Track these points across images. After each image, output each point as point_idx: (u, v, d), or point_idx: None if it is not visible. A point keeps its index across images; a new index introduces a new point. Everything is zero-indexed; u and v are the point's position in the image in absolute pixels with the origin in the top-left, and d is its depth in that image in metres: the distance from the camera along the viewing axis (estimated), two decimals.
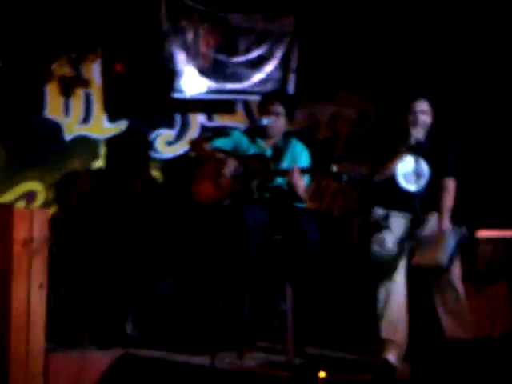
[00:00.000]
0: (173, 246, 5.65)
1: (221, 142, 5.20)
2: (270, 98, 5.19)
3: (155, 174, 5.88)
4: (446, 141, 4.89)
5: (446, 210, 4.76)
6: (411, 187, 4.78)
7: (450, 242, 4.60)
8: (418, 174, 4.77)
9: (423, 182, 4.78)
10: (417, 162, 4.77)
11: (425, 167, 4.80)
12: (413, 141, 4.71)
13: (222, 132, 5.42)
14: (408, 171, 4.78)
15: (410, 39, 5.98)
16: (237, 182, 4.98)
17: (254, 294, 4.91)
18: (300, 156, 5.15)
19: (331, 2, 5.97)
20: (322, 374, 4.36)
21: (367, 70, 6.09)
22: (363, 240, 4.91)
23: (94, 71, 5.80)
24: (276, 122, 5.08)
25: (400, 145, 4.74)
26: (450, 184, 4.82)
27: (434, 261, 4.56)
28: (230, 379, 4.45)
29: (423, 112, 4.77)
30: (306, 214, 5.00)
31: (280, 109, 5.09)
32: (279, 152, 5.13)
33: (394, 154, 4.76)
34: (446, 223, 4.72)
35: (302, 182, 4.90)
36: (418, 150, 4.71)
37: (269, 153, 5.12)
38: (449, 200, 4.79)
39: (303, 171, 4.92)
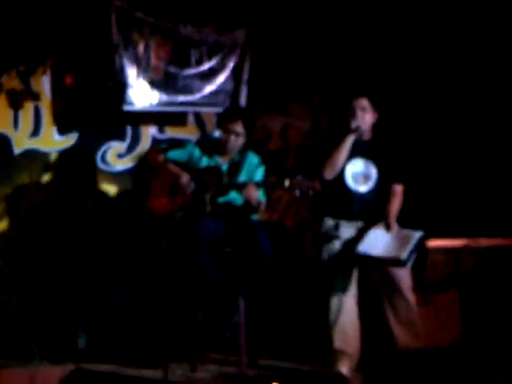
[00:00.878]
0: (125, 258, 5.63)
1: (175, 154, 5.20)
2: (232, 116, 5.15)
3: (106, 186, 5.85)
4: (394, 146, 4.97)
5: (394, 213, 4.82)
6: (360, 188, 4.82)
7: (412, 240, 4.66)
8: (366, 176, 4.84)
9: (371, 184, 4.84)
10: (365, 164, 4.84)
11: (373, 170, 4.85)
12: (353, 125, 4.79)
13: (177, 143, 5.42)
14: (356, 172, 4.83)
15: (359, 50, 6.05)
16: (190, 195, 4.98)
17: (206, 306, 4.92)
18: (256, 170, 5.16)
19: (282, 14, 6.01)
20: None
21: (318, 82, 6.15)
22: (315, 251, 4.94)
23: (44, 84, 5.74)
24: (235, 141, 5.08)
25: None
26: (398, 189, 4.88)
27: (394, 254, 4.62)
28: None
29: (362, 108, 4.83)
30: (258, 226, 5.02)
31: (240, 128, 5.07)
32: (236, 167, 5.13)
33: (339, 143, 4.82)
34: (395, 226, 4.78)
35: (256, 196, 4.90)
36: (361, 149, 4.80)
37: (225, 167, 5.12)
38: (396, 204, 4.86)
39: (258, 185, 4.93)
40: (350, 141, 4.78)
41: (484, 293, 5.07)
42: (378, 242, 4.68)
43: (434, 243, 5.09)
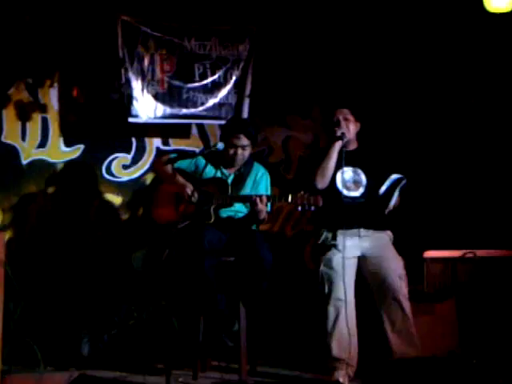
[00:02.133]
0: (128, 266, 5.70)
1: (183, 164, 5.23)
2: (235, 130, 5.14)
3: (111, 197, 5.94)
4: (382, 154, 5.07)
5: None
6: (353, 194, 4.91)
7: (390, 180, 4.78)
8: (356, 182, 4.93)
9: (362, 189, 4.93)
10: (355, 171, 4.94)
11: (362, 176, 4.95)
12: (338, 133, 4.90)
13: (185, 153, 5.47)
14: (347, 180, 4.92)
15: (361, 65, 6.12)
16: (194, 205, 4.99)
17: (208, 314, 4.96)
18: (261, 181, 5.21)
19: (285, 28, 6.08)
20: None
21: (319, 95, 6.21)
22: (314, 261, 5.00)
23: (51, 96, 5.84)
24: (242, 154, 5.11)
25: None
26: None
27: None
28: None
29: (345, 118, 4.94)
30: (259, 236, 5.06)
31: (245, 141, 5.09)
32: (241, 178, 5.17)
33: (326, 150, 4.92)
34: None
35: (265, 208, 4.95)
36: (348, 159, 4.87)
37: (231, 178, 5.16)
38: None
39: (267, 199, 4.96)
40: (337, 148, 4.88)
41: (481, 303, 5.10)
42: None
43: (431, 254, 5.13)
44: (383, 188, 4.79)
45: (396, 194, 4.84)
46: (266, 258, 4.87)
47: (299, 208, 4.79)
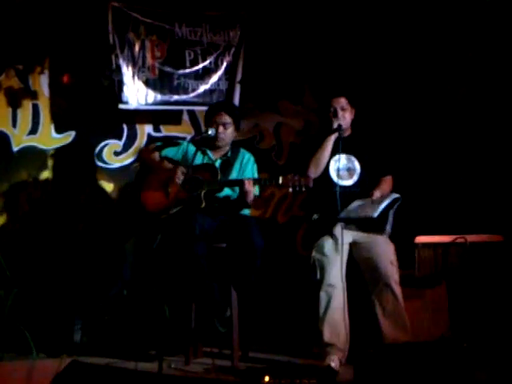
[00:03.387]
0: (120, 253, 5.71)
1: (170, 152, 5.25)
2: (216, 109, 5.22)
3: (103, 183, 5.93)
4: (376, 140, 5.10)
5: (379, 186, 4.96)
6: (345, 182, 4.93)
7: (384, 201, 4.77)
8: (350, 170, 4.95)
9: (356, 178, 4.95)
10: (348, 159, 4.95)
11: (356, 164, 4.97)
12: (335, 125, 4.91)
13: (171, 141, 5.47)
14: (340, 168, 4.94)
15: (352, 51, 6.13)
16: (185, 191, 5.00)
17: (200, 300, 4.98)
18: (247, 166, 5.22)
19: (275, 14, 6.08)
20: (267, 379, 4.45)
21: (310, 81, 6.22)
22: (306, 247, 5.01)
23: (42, 83, 5.84)
24: (224, 133, 5.14)
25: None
26: (388, 178, 5.03)
27: (364, 214, 4.74)
28: None
29: (342, 108, 4.96)
30: (251, 222, 5.08)
31: (227, 119, 5.14)
32: (228, 163, 5.20)
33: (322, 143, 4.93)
34: (378, 193, 4.89)
35: (252, 191, 4.95)
36: (342, 146, 4.87)
37: (218, 163, 5.18)
38: (385, 185, 5.00)
39: (254, 182, 4.98)
40: (332, 140, 4.91)
41: (471, 287, 5.12)
42: (356, 207, 4.81)
43: (422, 239, 5.15)
44: (379, 209, 4.77)
45: (390, 217, 4.84)
46: (256, 244, 4.88)
47: (290, 189, 4.79)
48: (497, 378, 4.38)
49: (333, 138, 4.91)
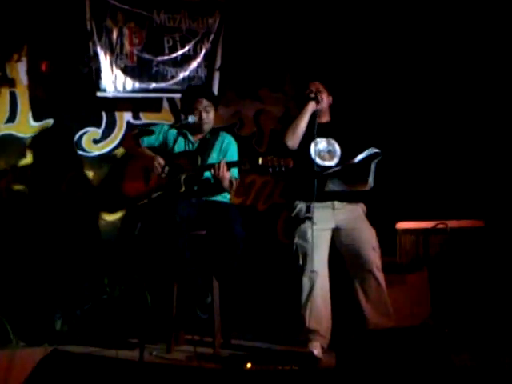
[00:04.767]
0: (101, 240, 5.68)
1: (149, 140, 5.23)
2: (194, 95, 5.18)
3: (82, 171, 5.89)
4: (355, 126, 5.08)
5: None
6: (327, 163, 4.90)
7: (364, 152, 4.78)
8: (330, 152, 4.93)
9: (336, 159, 4.92)
10: (328, 142, 4.94)
11: (336, 147, 4.95)
12: (311, 94, 4.92)
13: (149, 129, 5.43)
14: (321, 150, 4.91)
15: (332, 37, 6.13)
16: (165, 177, 4.98)
17: (181, 287, 4.97)
18: (229, 148, 5.21)
19: (255, 1, 6.07)
20: (249, 365, 4.46)
21: (290, 68, 6.22)
22: (287, 234, 5.00)
23: (19, 70, 5.78)
24: (208, 117, 5.14)
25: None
26: None
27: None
28: (158, 372, 4.45)
29: (318, 90, 4.96)
30: (232, 209, 5.08)
31: (207, 103, 5.13)
32: (207, 144, 5.17)
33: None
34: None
35: (227, 175, 4.94)
36: (321, 131, 4.86)
37: (197, 145, 5.17)
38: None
39: (231, 164, 4.97)
40: (310, 109, 4.88)
41: (452, 273, 5.16)
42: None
43: (403, 225, 5.18)
44: (359, 157, 4.77)
45: (373, 168, 4.82)
46: (237, 231, 4.88)
47: (270, 169, 4.76)
48: (478, 362, 4.41)
49: (310, 107, 4.87)
